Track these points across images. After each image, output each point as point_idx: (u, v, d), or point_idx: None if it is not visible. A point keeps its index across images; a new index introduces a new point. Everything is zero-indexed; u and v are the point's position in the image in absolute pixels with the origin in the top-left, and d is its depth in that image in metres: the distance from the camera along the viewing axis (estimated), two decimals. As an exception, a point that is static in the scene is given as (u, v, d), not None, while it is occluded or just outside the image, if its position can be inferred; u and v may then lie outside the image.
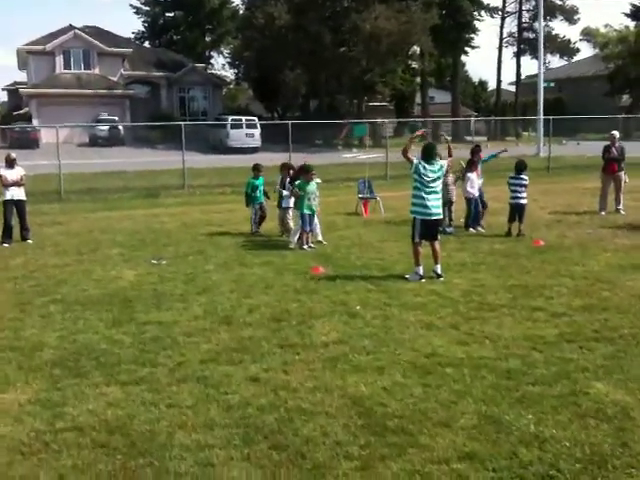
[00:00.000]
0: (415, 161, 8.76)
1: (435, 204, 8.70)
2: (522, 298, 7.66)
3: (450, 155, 9.85)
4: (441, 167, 8.81)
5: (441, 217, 9.08)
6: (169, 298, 7.93)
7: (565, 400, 4.85)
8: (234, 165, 27.18)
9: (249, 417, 4.63)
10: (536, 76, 54.98)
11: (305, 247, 10.92)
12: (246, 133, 38.07)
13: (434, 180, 8.69)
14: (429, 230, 8.75)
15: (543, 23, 37.36)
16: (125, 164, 26.70)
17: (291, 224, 11.82)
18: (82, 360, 5.83)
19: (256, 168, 12.90)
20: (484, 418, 4.56)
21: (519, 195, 11.89)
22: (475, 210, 12.47)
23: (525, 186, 11.94)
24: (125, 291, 8.32)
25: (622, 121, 27.04)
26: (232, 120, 38.85)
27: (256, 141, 37.85)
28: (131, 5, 61.69)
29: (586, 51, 64.70)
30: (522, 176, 11.96)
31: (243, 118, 40.20)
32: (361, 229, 13.00)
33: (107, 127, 39.31)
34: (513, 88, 62.48)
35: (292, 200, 11.55)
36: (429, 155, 8.77)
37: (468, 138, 35.18)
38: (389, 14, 40.40)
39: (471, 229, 12.37)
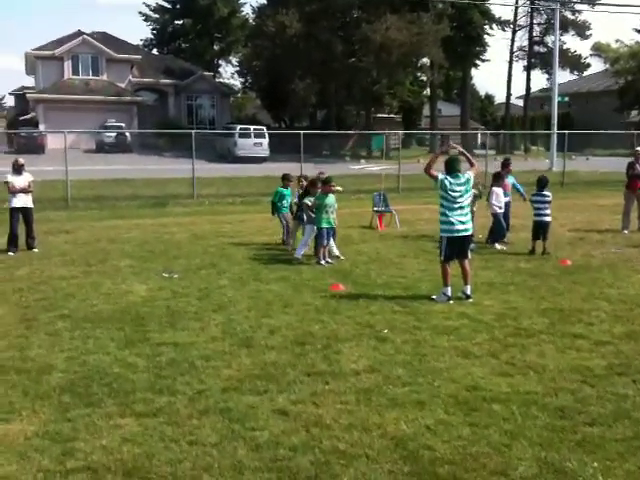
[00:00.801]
0: (440, 177, 8.28)
1: (461, 219, 8.19)
2: (559, 323, 7.19)
3: (472, 165, 9.04)
4: (468, 180, 8.30)
5: (469, 233, 8.41)
6: (183, 316, 7.46)
7: (630, 445, 4.37)
8: (242, 174, 26.86)
9: (281, 459, 4.15)
10: (545, 90, 54.73)
11: (322, 262, 10.49)
12: (254, 142, 37.54)
13: (461, 195, 8.22)
14: (456, 247, 8.28)
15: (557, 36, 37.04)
16: (132, 171, 26.30)
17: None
18: (93, 386, 5.36)
19: (286, 178, 12.45)
20: (545, 466, 4.08)
21: (543, 212, 11.47)
22: (499, 226, 12.02)
23: (549, 203, 11.55)
24: (137, 307, 7.85)
25: (636, 137, 26.59)
26: (240, 129, 38.38)
27: (264, 150, 37.36)
28: (140, 12, 61.73)
29: (596, 66, 64.26)
30: (545, 192, 11.55)
31: (251, 127, 39.67)
32: (378, 243, 12.55)
33: (114, 133, 39.01)
34: (520, 102, 62.12)
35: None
36: (453, 168, 8.28)
37: (477, 152, 34.71)
38: (400, 25, 39.93)
39: (496, 245, 11.91)
